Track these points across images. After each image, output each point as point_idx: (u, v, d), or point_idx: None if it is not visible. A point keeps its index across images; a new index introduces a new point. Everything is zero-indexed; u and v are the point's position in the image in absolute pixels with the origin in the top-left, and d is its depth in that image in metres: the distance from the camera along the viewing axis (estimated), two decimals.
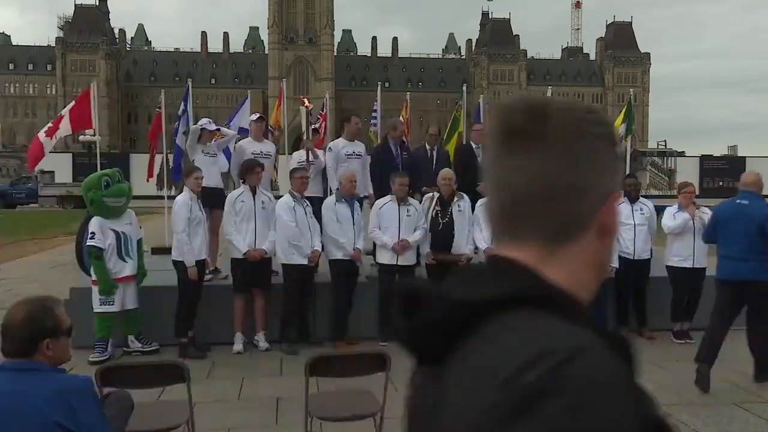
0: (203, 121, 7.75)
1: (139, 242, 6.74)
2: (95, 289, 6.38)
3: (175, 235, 6.51)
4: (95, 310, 6.35)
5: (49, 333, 2.26)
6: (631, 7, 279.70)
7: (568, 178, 0.75)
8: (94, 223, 6.40)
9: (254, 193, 6.77)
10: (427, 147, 8.39)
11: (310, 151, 7.74)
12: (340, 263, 6.85)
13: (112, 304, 6.34)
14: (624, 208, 7.53)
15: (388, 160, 7.77)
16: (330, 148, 7.88)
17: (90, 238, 6.36)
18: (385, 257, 6.96)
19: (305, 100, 9.85)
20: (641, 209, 7.47)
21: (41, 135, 10.33)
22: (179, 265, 6.48)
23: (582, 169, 0.76)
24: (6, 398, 2.14)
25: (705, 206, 7.30)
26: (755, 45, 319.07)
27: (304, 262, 6.73)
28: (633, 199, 7.49)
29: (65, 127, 11.23)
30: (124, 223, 6.55)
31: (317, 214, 6.95)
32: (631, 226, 7.35)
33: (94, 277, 6.40)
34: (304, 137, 8.20)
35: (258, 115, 8.10)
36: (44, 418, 2.10)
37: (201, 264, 6.64)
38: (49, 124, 10.77)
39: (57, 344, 2.28)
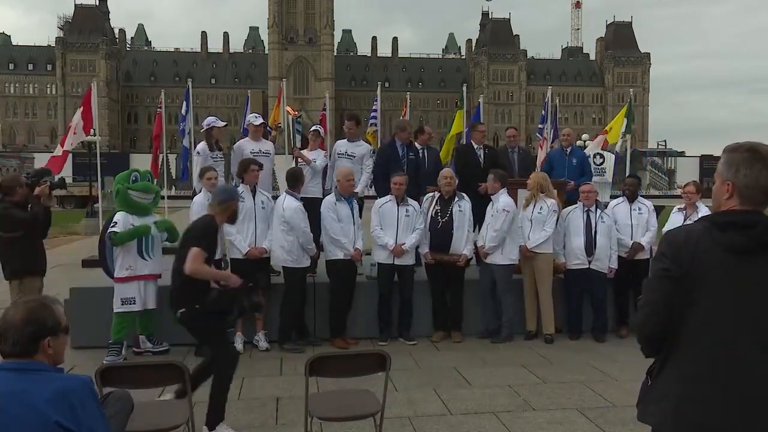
0: (210, 119, 7.76)
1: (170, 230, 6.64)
2: (117, 289, 6.26)
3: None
4: (116, 311, 6.24)
5: (49, 331, 2.26)
6: (632, 7, 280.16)
7: None
8: (118, 216, 6.31)
9: (254, 193, 6.77)
10: (418, 147, 7.99)
11: (298, 158, 7.77)
12: (340, 263, 6.82)
13: (134, 304, 6.25)
14: (622, 208, 7.56)
15: (394, 161, 7.70)
16: (334, 149, 7.98)
17: (111, 227, 6.24)
18: (382, 256, 6.96)
19: (289, 108, 9.94)
20: (639, 209, 7.51)
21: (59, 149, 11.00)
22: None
23: None
24: (6, 398, 2.13)
25: (708, 206, 7.31)
26: (756, 45, 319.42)
27: (308, 263, 6.80)
28: (631, 199, 7.55)
29: (80, 133, 11.51)
30: (148, 223, 6.46)
31: (317, 215, 6.94)
32: (629, 226, 7.40)
33: (118, 275, 6.26)
34: (292, 144, 8.30)
35: (258, 117, 8.16)
36: (44, 418, 2.10)
37: (218, 264, 6.60)
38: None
39: (57, 342, 2.29)
